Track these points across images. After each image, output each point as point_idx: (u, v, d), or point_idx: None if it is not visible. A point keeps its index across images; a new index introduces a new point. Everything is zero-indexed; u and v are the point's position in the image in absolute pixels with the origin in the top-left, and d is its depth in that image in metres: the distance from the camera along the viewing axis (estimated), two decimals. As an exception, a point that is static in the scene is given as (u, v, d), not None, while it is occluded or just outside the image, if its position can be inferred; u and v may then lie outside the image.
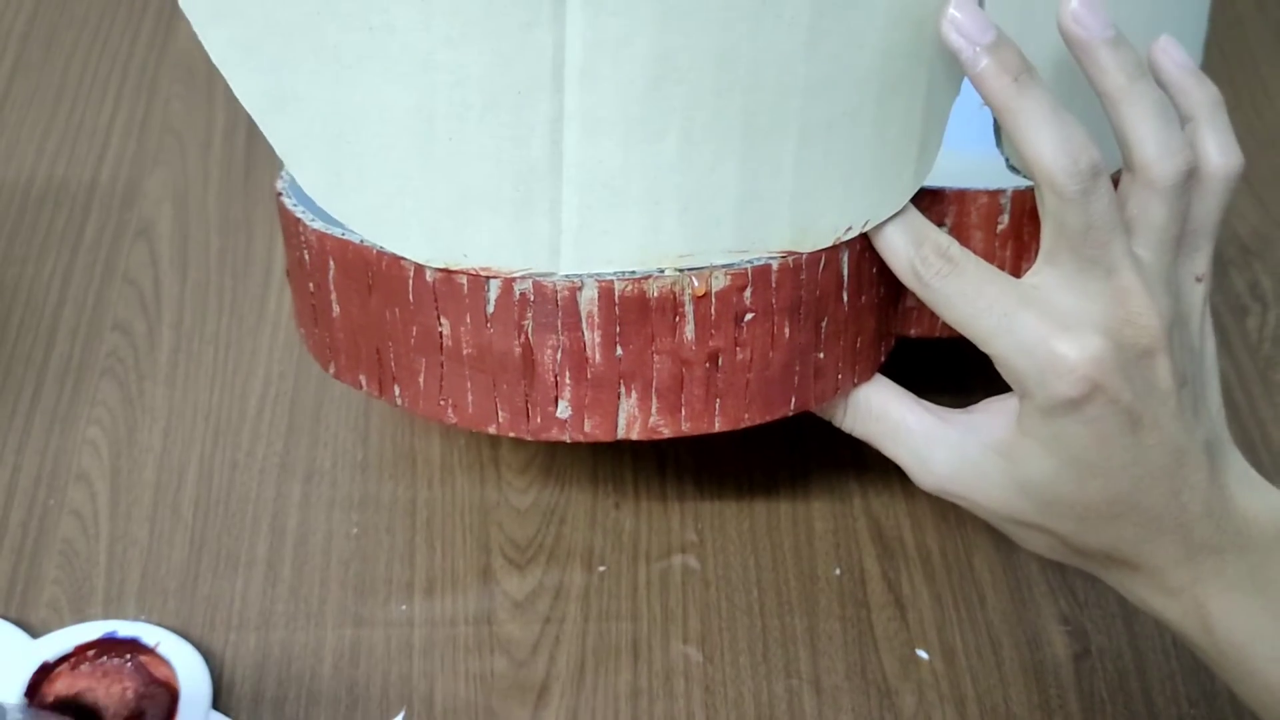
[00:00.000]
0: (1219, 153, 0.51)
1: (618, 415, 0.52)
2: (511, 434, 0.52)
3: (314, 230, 0.52)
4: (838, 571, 0.64)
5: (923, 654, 0.61)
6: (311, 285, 0.54)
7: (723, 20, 0.45)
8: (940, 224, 0.54)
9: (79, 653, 0.59)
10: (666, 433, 0.52)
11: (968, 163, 0.52)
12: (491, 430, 0.52)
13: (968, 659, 0.61)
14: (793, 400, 0.53)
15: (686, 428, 0.52)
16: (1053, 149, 0.47)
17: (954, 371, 0.51)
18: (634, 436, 0.52)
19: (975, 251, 0.53)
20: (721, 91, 0.47)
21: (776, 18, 0.46)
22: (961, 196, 0.54)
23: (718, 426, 0.53)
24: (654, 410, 0.52)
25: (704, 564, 0.64)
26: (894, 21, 0.48)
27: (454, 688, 0.60)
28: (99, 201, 0.79)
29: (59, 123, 0.84)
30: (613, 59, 0.45)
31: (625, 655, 0.61)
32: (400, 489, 0.67)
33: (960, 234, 0.54)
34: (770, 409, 0.53)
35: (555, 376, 0.51)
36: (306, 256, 0.53)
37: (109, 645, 0.60)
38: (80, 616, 0.61)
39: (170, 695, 0.58)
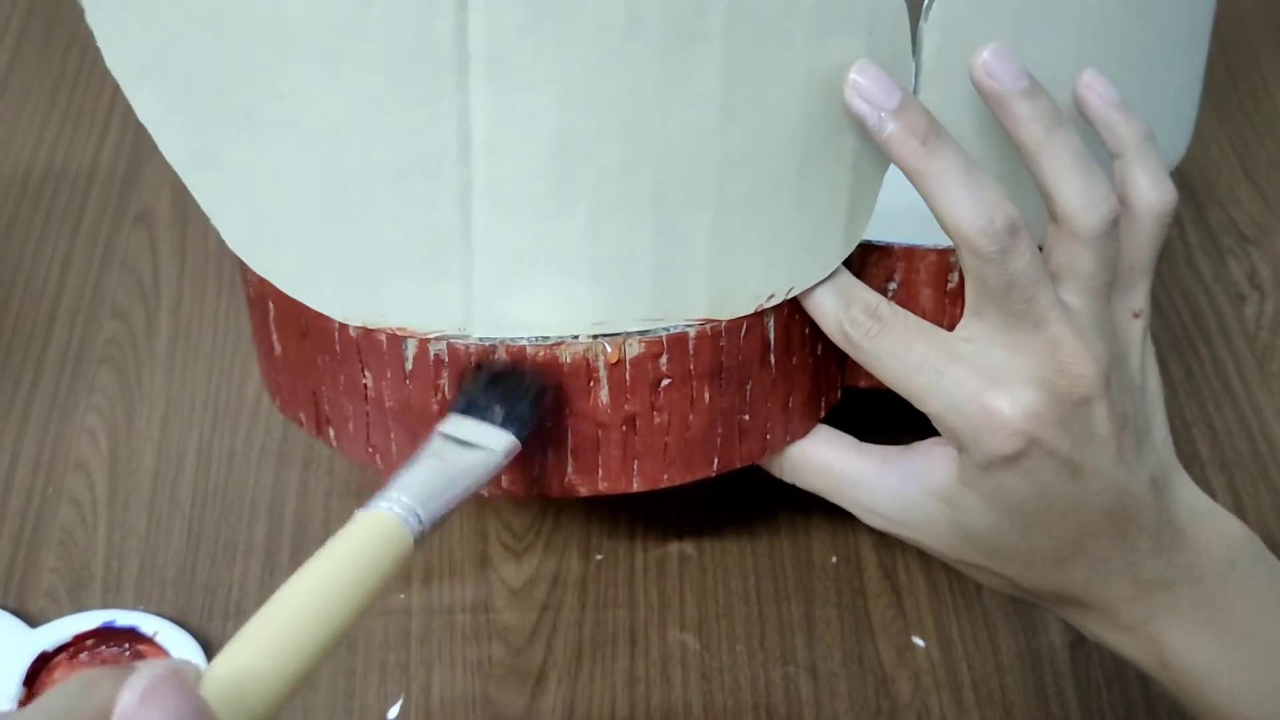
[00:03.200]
0: (1151, 189, 0.49)
1: (534, 473, 0.52)
2: None
3: (254, 272, 0.52)
4: (834, 559, 0.64)
5: (919, 641, 0.61)
6: (258, 322, 0.55)
7: (629, 98, 0.45)
8: (888, 280, 0.53)
9: (77, 642, 0.59)
10: (584, 491, 0.52)
11: (920, 217, 0.49)
12: None
13: (964, 646, 0.61)
14: (715, 461, 0.53)
15: (604, 487, 0.52)
16: (968, 210, 0.46)
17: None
18: (551, 494, 0.53)
19: (924, 309, 0.52)
20: (630, 166, 0.46)
21: (685, 95, 0.45)
22: (910, 253, 0.53)
23: (635, 487, 0.53)
24: (570, 470, 0.52)
25: (701, 552, 0.64)
26: (814, 91, 0.47)
27: (452, 675, 0.60)
28: (98, 188, 0.79)
29: (58, 109, 0.84)
30: (517, 134, 0.45)
31: (622, 643, 0.61)
32: (398, 477, 0.67)
33: (909, 291, 0.53)
34: (691, 470, 0.53)
35: None
36: (252, 294, 0.54)
37: (107, 634, 0.60)
38: (78, 606, 0.61)
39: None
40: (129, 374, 0.71)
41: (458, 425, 0.48)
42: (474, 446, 0.48)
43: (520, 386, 0.50)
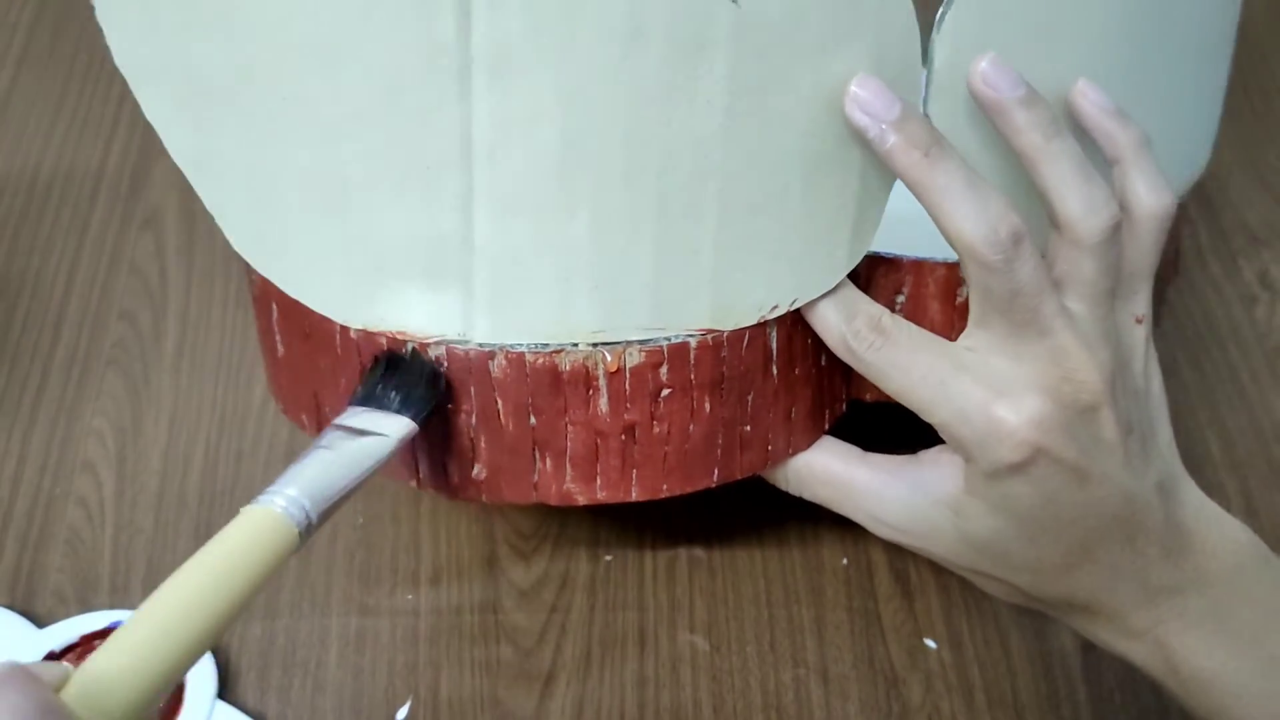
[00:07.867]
0: (1149, 194, 0.50)
1: (533, 480, 0.52)
2: (432, 491, 0.53)
3: (258, 274, 0.52)
4: (845, 561, 0.64)
5: (930, 643, 0.61)
6: (262, 324, 0.55)
7: (631, 105, 0.45)
8: (896, 293, 0.53)
9: (85, 642, 0.59)
10: (581, 500, 0.53)
11: (928, 230, 0.49)
12: (413, 485, 0.54)
13: (975, 648, 0.61)
14: (716, 472, 0.53)
15: (602, 495, 0.52)
16: (971, 221, 0.46)
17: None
18: (550, 502, 0.53)
19: (933, 323, 0.52)
20: (632, 174, 0.46)
21: (690, 102, 0.45)
22: (919, 266, 0.52)
23: (634, 496, 0.53)
24: (568, 478, 0.52)
25: (710, 553, 0.64)
26: (820, 102, 0.47)
27: (460, 676, 0.60)
28: (105, 191, 0.79)
29: (65, 112, 0.84)
30: (520, 140, 0.45)
31: (631, 644, 0.61)
32: (406, 478, 0.66)
33: (917, 305, 0.53)
34: (690, 481, 0.53)
35: (471, 439, 0.51)
36: (257, 294, 0.55)
37: (114, 634, 0.60)
38: (86, 606, 0.61)
39: (176, 684, 0.58)
40: (136, 376, 0.70)
41: (353, 416, 0.49)
42: (369, 434, 0.48)
43: (415, 373, 0.50)
